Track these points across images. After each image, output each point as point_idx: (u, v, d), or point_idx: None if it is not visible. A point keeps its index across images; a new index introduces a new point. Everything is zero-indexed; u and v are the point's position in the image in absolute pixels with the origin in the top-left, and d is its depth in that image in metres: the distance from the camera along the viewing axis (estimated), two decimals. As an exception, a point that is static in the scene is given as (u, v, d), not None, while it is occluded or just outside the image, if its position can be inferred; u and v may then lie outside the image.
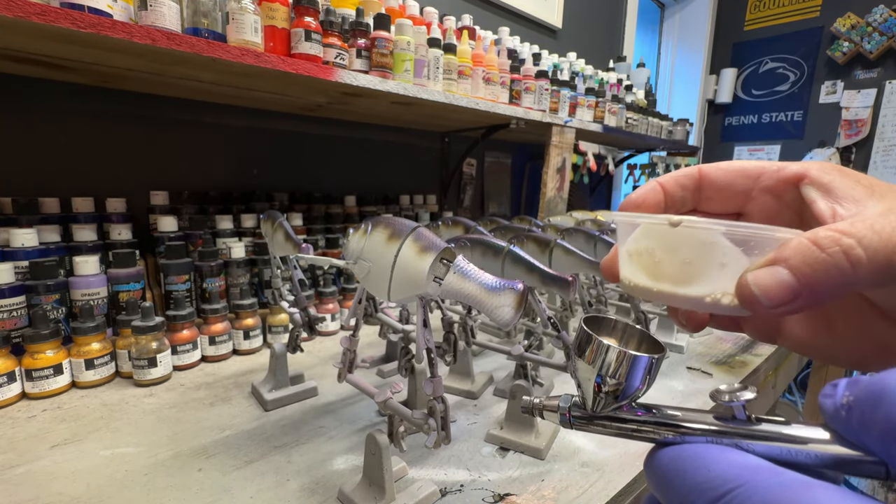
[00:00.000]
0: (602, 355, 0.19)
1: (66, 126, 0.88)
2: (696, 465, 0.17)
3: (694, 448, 0.17)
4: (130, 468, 0.47)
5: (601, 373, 0.20)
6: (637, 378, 0.19)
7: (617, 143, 1.84)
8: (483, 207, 1.82)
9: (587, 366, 0.20)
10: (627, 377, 0.19)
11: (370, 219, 0.41)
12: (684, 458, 0.17)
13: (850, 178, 0.19)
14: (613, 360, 0.19)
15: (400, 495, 0.42)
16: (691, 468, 0.17)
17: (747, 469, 0.15)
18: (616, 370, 0.19)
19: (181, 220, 0.87)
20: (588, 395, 0.21)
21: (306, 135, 1.24)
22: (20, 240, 0.67)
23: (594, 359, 0.20)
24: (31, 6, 0.51)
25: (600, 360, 0.19)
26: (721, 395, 0.18)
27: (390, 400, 0.41)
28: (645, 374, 0.19)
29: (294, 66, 0.74)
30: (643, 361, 0.19)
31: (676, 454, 0.18)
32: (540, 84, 1.28)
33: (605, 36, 2.31)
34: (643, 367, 0.19)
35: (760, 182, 0.21)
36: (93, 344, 0.64)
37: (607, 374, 0.19)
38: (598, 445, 0.53)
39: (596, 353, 0.20)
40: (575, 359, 0.21)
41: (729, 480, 0.15)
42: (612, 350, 0.19)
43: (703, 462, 0.16)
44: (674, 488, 0.17)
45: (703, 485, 0.16)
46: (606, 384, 0.20)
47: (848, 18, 2.60)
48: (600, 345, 0.20)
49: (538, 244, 0.59)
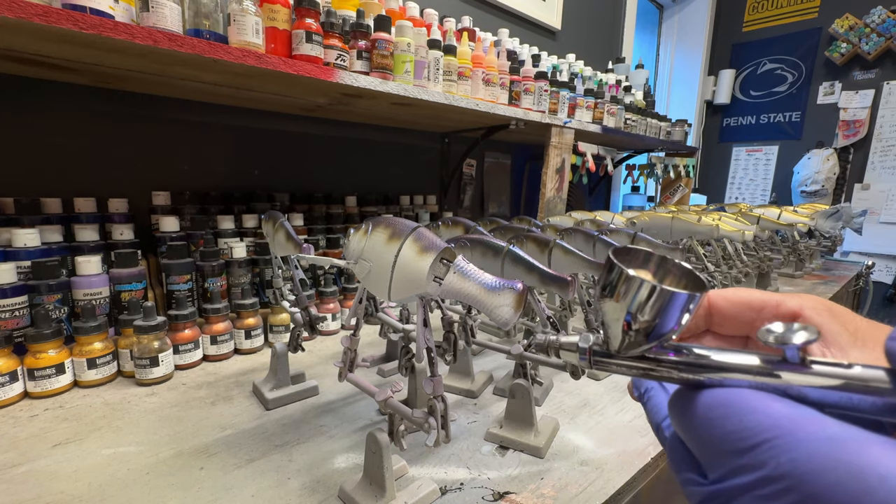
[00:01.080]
0: (633, 290, 0.17)
1: (68, 126, 0.88)
2: (730, 412, 0.15)
3: (730, 393, 0.16)
4: (132, 467, 0.47)
5: (631, 310, 0.17)
6: (672, 317, 0.17)
7: (616, 144, 1.85)
8: (483, 208, 1.83)
9: (615, 303, 0.18)
10: (661, 315, 0.17)
11: (371, 219, 0.41)
12: (718, 404, 0.16)
13: (837, 321, 0.19)
14: (645, 295, 0.17)
15: (400, 494, 0.42)
16: (724, 415, 0.15)
17: (789, 419, 0.14)
18: (649, 307, 0.17)
19: (183, 221, 0.88)
20: (614, 335, 0.18)
21: (307, 135, 1.25)
22: (22, 240, 0.67)
23: (624, 294, 0.17)
24: (33, 7, 0.52)
25: (631, 296, 0.17)
26: (770, 335, 0.15)
27: (391, 399, 0.42)
28: (681, 312, 0.17)
29: (295, 68, 0.75)
30: (680, 299, 0.17)
31: (710, 399, 0.16)
32: (539, 85, 1.28)
33: (604, 37, 2.32)
34: (679, 306, 0.17)
35: (762, 314, 0.22)
36: (95, 343, 0.64)
37: (638, 311, 0.17)
38: (597, 444, 0.53)
39: (626, 289, 0.17)
40: (599, 297, 0.18)
41: (764, 430, 0.14)
42: (645, 285, 0.17)
43: (738, 409, 0.15)
44: (703, 435, 0.16)
45: (733, 434, 0.14)
46: (637, 322, 0.17)
47: (846, 19, 2.60)
48: (631, 279, 0.17)
49: (537, 244, 0.60)
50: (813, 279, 1.50)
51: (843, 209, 1.49)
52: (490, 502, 0.43)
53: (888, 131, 2.57)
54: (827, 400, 0.15)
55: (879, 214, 2.61)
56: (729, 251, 1.12)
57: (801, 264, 1.51)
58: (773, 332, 0.15)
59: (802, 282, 1.44)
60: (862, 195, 2.66)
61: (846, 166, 2.70)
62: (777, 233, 1.39)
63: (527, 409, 0.52)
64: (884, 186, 2.59)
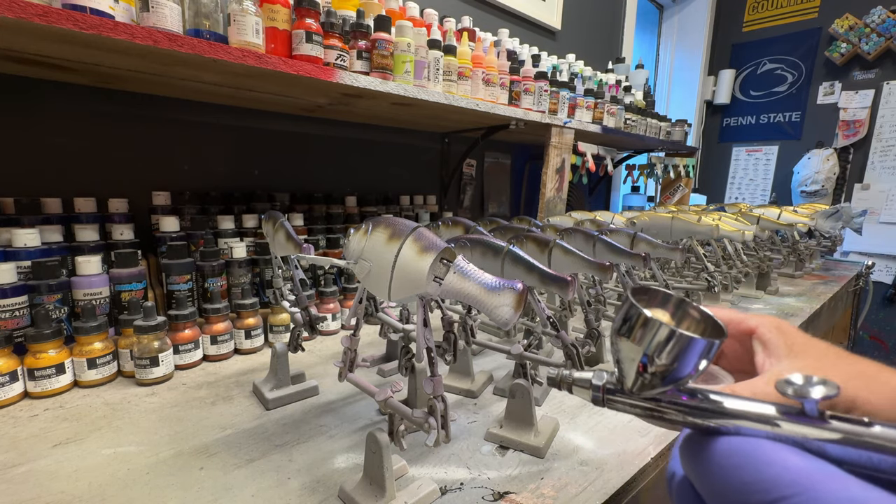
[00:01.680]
0: (651, 333, 0.16)
1: (68, 127, 0.88)
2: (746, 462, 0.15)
3: (747, 442, 0.15)
4: (132, 467, 0.47)
5: (647, 352, 0.17)
6: (689, 363, 0.16)
7: (615, 144, 1.85)
8: (483, 208, 1.83)
9: (632, 344, 0.17)
10: (678, 360, 0.16)
11: (371, 219, 0.41)
12: (734, 453, 0.15)
13: (782, 336, 0.23)
14: (663, 339, 0.16)
15: (400, 493, 0.42)
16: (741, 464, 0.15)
17: (809, 475, 0.13)
18: (666, 351, 0.16)
19: (183, 221, 0.88)
20: (628, 375, 0.18)
21: (307, 135, 1.25)
22: (22, 240, 0.67)
23: (642, 337, 0.17)
24: (33, 7, 0.52)
25: (648, 339, 0.17)
26: (788, 387, 0.15)
27: (391, 399, 0.42)
28: (699, 358, 0.16)
29: (295, 68, 0.75)
30: (699, 346, 0.16)
31: (726, 446, 0.16)
32: (539, 85, 1.28)
33: (603, 37, 2.32)
34: (698, 352, 0.16)
35: (729, 329, 0.24)
36: (95, 343, 0.64)
37: (655, 354, 0.17)
38: (597, 444, 0.53)
39: (644, 332, 0.17)
40: (616, 336, 0.18)
41: (784, 486, 0.13)
42: (664, 329, 0.16)
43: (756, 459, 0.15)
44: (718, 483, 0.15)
45: (750, 485, 0.14)
46: (653, 364, 0.17)
47: (846, 19, 2.61)
48: (649, 322, 0.17)
49: (537, 244, 0.60)
50: (813, 279, 1.50)
51: (842, 209, 1.49)
52: (490, 502, 0.43)
53: (888, 131, 2.57)
54: (847, 457, 0.14)
55: (879, 214, 2.61)
56: (729, 251, 1.12)
57: (801, 264, 1.51)
58: (793, 384, 0.15)
59: (802, 282, 1.44)
60: (862, 195, 2.66)
61: (846, 166, 2.70)
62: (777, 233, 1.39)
63: (527, 409, 0.52)
64: (884, 186, 2.59)
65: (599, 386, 0.19)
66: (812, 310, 1.12)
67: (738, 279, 1.11)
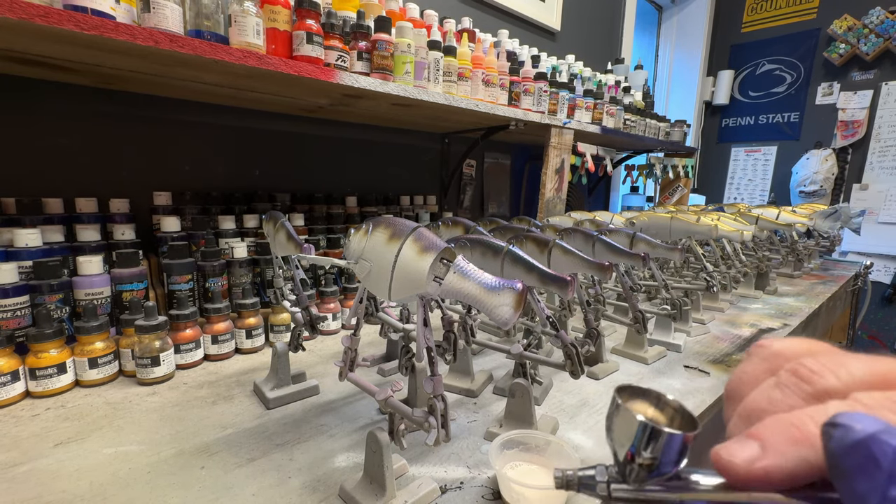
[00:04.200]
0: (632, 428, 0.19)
1: (70, 127, 0.88)
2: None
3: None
4: (133, 466, 0.47)
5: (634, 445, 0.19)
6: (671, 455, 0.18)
7: (615, 145, 1.85)
8: (483, 208, 1.83)
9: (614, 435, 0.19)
10: (661, 453, 0.18)
11: (371, 219, 0.42)
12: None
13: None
14: (643, 434, 0.18)
15: (400, 492, 0.42)
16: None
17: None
18: (647, 445, 0.18)
19: (184, 221, 0.88)
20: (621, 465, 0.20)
21: (308, 136, 1.25)
22: (24, 240, 0.67)
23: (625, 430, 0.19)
24: (35, 8, 0.52)
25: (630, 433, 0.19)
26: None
27: (391, 398, 0.42)
28: (678, 452, 0.18)
29: (296, 69, 0.75)
30: (676, 439, 0.18)
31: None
32: (539, 86, 1.29)
33: (603, 38, 2.33)
34: (677, 445, 0.18)
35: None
36: (96, 343, 0.64)
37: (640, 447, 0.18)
38: (596, 443, 0.54)
39: (626, 426, 0.19)
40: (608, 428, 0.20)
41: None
42: (642, 424, 0.18)
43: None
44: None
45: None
46: (640, 457, 0.19)
47: (845, 20, 2.61)
48: (630, 417, 0.19)
49: (537, 244, 0.60)
50: (811, 279, 1.50)
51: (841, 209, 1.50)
52: (490, 501, 0.43)
53: (886, 132, 2.57)
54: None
55: (878, 214, 2.62)
56: (728, 251, 1.12)
57: (800, 264, 1.52)
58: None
59: (801, 282, 1.45)
60: (860, 195, 2.67)
61: (844, 166, 2.70)
62: (776, 233, 1.39)
63: (526, 409, 0.53)
64: (882, 186, 2.60)
65: (605, 483, 0.21)
66: (811, 310, 1.12)
67: (737, 279, 1.11)
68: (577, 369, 0.50)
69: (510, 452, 0.46)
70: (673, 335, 0.86)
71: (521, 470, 0.45)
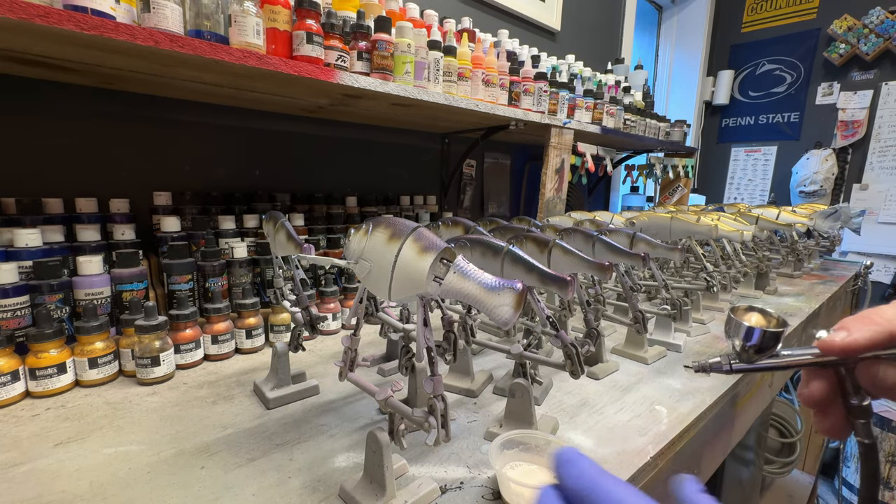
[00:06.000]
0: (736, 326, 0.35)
1: (70, 127, 0.88)
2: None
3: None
4: (133, 466, 0.47)
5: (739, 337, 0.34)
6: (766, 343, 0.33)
7: (615, 145, 1.85)
8: (483, 208, 1.83)
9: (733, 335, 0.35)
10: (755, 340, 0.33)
11: (371, 219, 0.42)
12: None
13: None
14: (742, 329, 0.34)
15: (400, 492, 0.42)
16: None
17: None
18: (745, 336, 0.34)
19: (184, 221, 0.88)
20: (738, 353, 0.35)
21: (308, 136, 1.25)
22: (24, 240, 0.67)
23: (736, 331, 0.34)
24: (35, 8, 0.52)
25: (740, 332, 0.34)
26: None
27: (391, 398, 0.42)
28: (759, 339, 0.33)
29: (296, 69, 0.75)
30: (756, 332, 0.33)
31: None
32: (539, 86, 1.29)
33: (603, 38, 2.33)
34: (757, 335, 0.33)
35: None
36: (96, 343, 0.64)
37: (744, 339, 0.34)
38: (596, 443, 0.54)
39: (737, 328, 0.35)
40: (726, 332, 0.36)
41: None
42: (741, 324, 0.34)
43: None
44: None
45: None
46: (742, 346, 0.34)
47: (845, 20, 2.61)
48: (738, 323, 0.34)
49: (537, 244, 0.60)
50: (811, 279, 1.50)
51: (841, 209, 1.50)
52: (490, 501, 0.43)
53: (886, 132, 2.57)
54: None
55: (878, 214, 2.62)
56: (728, 251, 1.12)
57: (800, 264, 1.52)
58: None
59: (801, 281, 1.45)
60: (860, 195, 2.67)
61: (844, 166, 2.70)
62: (776, 233, 1.39)
63: (526, 409, 0.53)
64: (882, 186, 2.60)
65: (728, 362, 0.35)
66: (811, 309, 1.12)
67: (737, 279, 1.11)
68: (577, 369, 0.50)
69: (510, 452, 0.46)
70: (673, 335, 0.86)
71: (521, 470, 0.45)
